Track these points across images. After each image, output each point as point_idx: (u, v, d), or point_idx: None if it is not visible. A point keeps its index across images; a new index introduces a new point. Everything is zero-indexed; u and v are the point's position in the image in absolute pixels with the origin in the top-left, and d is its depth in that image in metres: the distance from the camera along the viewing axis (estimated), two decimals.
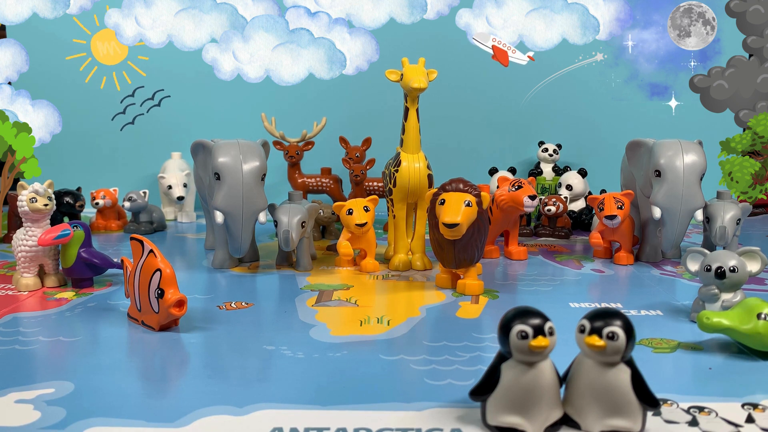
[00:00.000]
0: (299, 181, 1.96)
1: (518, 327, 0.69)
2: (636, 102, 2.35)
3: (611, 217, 1.49)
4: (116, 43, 2.33)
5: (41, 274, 1.33)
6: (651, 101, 2.35)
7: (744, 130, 2.19)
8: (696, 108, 2.30)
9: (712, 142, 1.95)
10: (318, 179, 1.98)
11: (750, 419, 0.75)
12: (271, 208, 1.46)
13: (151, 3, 2.29)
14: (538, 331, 0.68)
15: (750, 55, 2.25)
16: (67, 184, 2.04)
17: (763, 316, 0.91)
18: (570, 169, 2.13)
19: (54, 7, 2.28)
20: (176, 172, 2.10)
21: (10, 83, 2.29)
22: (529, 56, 1.97)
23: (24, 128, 1.83)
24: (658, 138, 1.49)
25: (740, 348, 0.97)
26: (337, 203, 1.49)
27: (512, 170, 2.08)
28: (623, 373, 0.70)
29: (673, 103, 2.33)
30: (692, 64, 2.31)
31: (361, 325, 1.09)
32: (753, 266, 1.05)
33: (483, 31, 2.00)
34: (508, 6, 2.28)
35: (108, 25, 2.30)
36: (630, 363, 0.71)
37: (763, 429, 0.73)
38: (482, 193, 1.24)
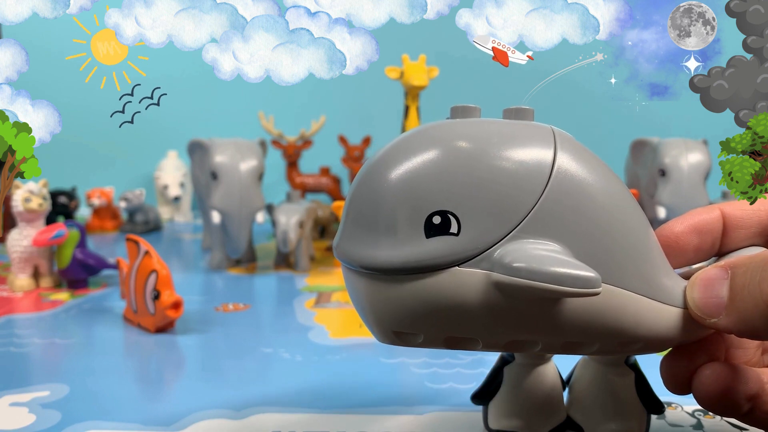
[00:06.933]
0: (298, 180, 1.95)
1: None
2: (636, 102, 2.34)
3: None
4: (116, 43, 2.32)
5: (36, 275, 1.32)
6: (651, 101, 2.34)
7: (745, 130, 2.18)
8: (696, 108, 2.29)
9: (712, 143, 1.94)
10: (317, 179, 1.97)
11: None
12: (270, 209, 1.44)
13: (151, 3, 2.27)
14: None
15: (750, 56, 2.24)
16: (64, 183, 2.03)
17: None
18: None
19: (54, 7, 2.26)
20: (173, 172, 2.08)
21: (9, 83, 2.28)
22: (528, 56, 1.96)
23: (24, 128, 1.81)
24: (663, 137, 1.48)
25: None
26: (336, 203, 1.48)
27: None
28: (627, 377, 0.69)
29: (672, 103, 2.32)
30: (692, 66, 2.30)
31: (360, 327, 1.08)
32: None
33: (483, 32, 1.99)
34: (508, 6, 2.26)
35: (108, 25, 2.29)
36: (634, 366, 0.70)
37: None
38: None
